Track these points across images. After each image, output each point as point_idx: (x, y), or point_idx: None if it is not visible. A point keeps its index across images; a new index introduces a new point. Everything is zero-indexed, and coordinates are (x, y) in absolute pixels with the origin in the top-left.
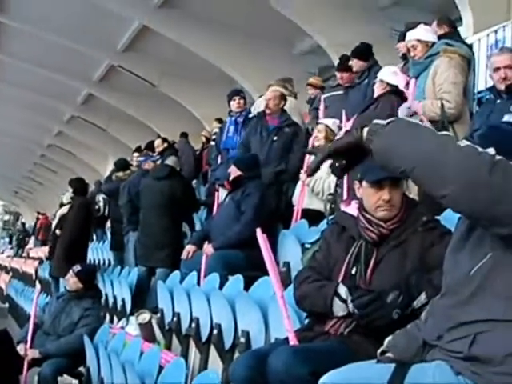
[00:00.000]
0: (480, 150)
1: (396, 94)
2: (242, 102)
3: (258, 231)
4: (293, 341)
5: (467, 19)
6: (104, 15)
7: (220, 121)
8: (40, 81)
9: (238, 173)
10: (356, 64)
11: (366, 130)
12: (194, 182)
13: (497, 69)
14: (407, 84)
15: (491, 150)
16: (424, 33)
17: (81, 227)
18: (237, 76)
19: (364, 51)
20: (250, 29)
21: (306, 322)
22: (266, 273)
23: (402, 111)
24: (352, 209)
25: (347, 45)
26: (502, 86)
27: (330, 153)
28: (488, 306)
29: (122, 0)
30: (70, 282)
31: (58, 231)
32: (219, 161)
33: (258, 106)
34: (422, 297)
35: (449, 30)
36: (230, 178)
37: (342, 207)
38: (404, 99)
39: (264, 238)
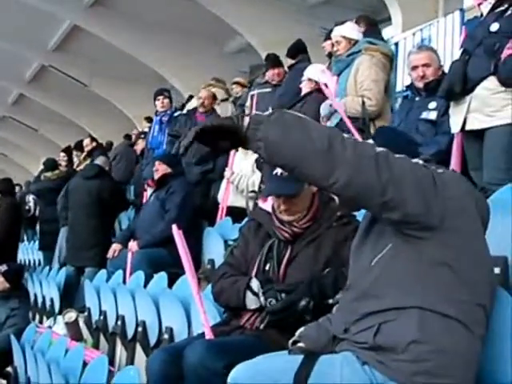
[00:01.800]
0: (365, 142)
1: (322, 93)
2: (166, 101)
3: (174, 228)
4: (209, 335)
5: (396, 18)
6: (34, 14)
7: (150, 120)
8: None
9: (168, 170)
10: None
11: (247, 119)
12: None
13: (415, 67)
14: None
15: (380, 148)
16: (349, 30)
17: (9, 228)
18: (167, 75)
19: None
20: (181, 28)
21: (224, 316)
22: None
23: (324, 109)
24: (268, 205)
25: (277, 43)
26: (420, 84)
27: (197, 131)
28: (390, 295)
29: None
30: None
31: None
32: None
33: (191, 106)
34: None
35: (367, 27)
36: (158, 175)
37: (260, 203)
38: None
39: (180, 235)
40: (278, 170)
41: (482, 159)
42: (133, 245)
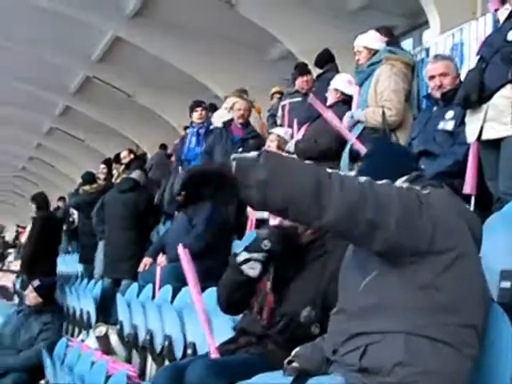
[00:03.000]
0: (349, 175)
1: (348, 104)
2: (203, 112)
3: (180, 247)
4: (214, 353)
5: (434, 21)
6: (77, 26)
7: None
8: (17, 94)
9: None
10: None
11: (233, 164)
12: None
13: (432, 77)
14: None
15: (362, 178)
16: (370, 39)
17: (40, 242)
18: (210, 84)
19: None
20: (222, 36)
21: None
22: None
23: (346, 120)
24: (277, 221)
25: (317, 50)
26: (437, 94)
27: (185, 180)
28: (378, 319)
29: (95, 11)
30: (30, 296)
31: None
32: (180, 172)
33: (219, 118)
34: None
35: (388, 38)
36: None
37: (270, 220)
38: None
39: (185, 253)
40: None
41: (498, 169)
42: (162, 259)
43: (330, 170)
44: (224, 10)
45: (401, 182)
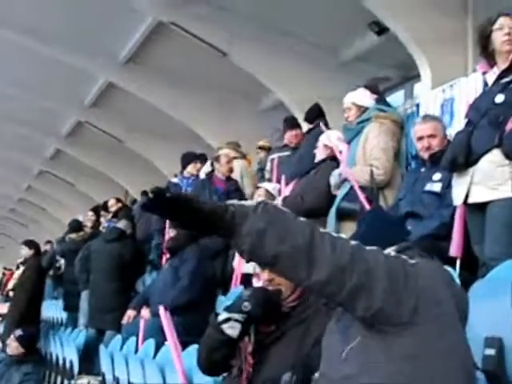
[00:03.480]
0: (341, 237)
1: (337, 161)
2: (199, 166)
3: (161, 309)
4: None
5: (425, 75)
6: (71, 71)
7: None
8: (7, 135)
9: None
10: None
11: (232, 209)
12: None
13: (420, 138)
14: None
15: (353, 242)
16: (360, 97)
17: (35, 289)
18: (202, 132)
19: (310, 114)
20: (215, 85)
21: None
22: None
23: (334, 177)
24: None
25: (309, 100)
26: (425, 155)
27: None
28: None
29: (88, 56)
30: (12, 346)
31: (11, 293)
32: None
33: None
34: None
35: (376, 96)
36: (172, 243)
37: (254, 281)
38: None
39: (166, 316)
40: None
41: (484, 233)
42: (145, 312)
43: (323, 230)
44: (217, 59)
45: (390, 251)
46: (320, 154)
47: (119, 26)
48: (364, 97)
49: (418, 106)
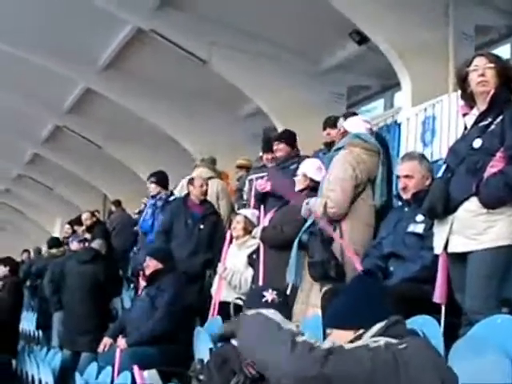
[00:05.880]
0: (315, 344)
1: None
2: (152, 186)
3: (135, 369)
4: None
5: (406, 86)
6: (50, 77)
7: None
8: None
9: (159, 266)
10: (282, 149)
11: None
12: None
13: (398, 177)
14: None
15: (326, 344)
16: (352, 125)
17: (14, 308)
18: (180, 138)
19: (291, 137)
20: (193, 91)
21: None
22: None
23: (303, 208)
24: None
25: (288, 109)
26: (404, 196)
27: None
28: None
29: (67, 62)
30: None
31: None
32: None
33: (181, 189)
34: None
35: (369, 126)
36: (149, 272)
37: None
38: None
39: (140, 375)
40: None
41: (465, 282)
42: (121, 342)
43: (299, 339)
44: (196, 67)
45: (378, 329)
46: (299, 184)
47: (99, 32)
48: (356, 125)
49: (399, 126)
